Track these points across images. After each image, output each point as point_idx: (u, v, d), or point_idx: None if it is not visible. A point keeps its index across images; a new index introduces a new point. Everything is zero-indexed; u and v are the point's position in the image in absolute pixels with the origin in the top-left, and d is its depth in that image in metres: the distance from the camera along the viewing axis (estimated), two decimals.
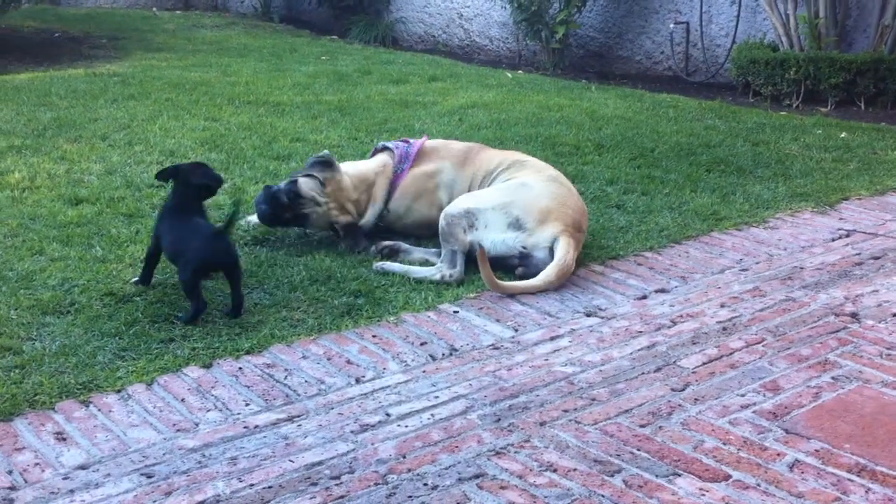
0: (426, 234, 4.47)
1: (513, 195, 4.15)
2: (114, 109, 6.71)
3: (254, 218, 4.52)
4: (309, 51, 9.75)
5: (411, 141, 4.65)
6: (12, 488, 2.61)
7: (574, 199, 4.25)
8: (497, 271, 3.99)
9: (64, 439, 2.84)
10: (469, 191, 4.42)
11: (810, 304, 3.88)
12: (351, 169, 4.53)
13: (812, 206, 5.14)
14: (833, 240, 4.65)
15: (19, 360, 3.24)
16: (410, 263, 4.17)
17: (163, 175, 3.87)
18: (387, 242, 4.32)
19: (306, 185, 4.36)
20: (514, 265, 4.08)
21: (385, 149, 4.65)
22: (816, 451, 2.82)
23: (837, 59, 7.52)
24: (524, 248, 4.07)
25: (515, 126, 6.55)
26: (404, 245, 4.32)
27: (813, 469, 2.73)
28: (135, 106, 6.82)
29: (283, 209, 4.31)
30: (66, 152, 5.62)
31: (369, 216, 4.49)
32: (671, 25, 8.91)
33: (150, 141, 5.88)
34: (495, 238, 4.08)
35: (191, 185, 3.75)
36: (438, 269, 4.06)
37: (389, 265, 4.12)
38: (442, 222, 4.13)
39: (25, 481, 2.64)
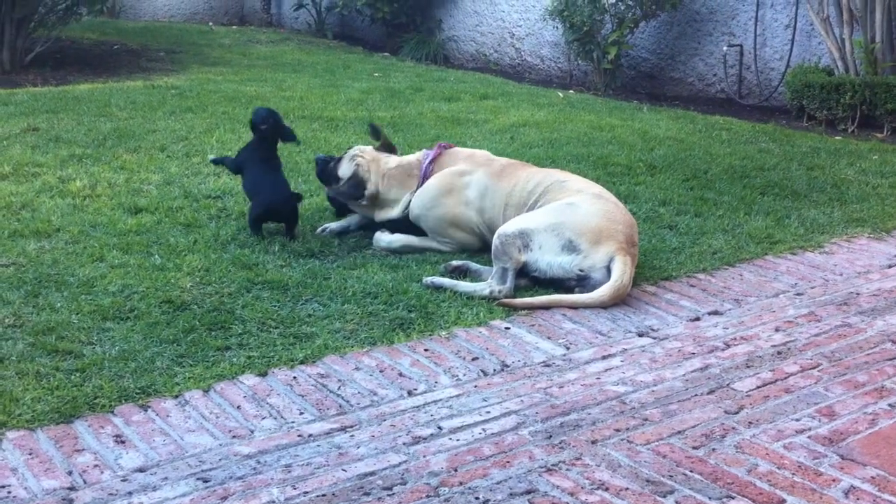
0: (448, 236, 4.56)
1: (562, 216, 4.16)
2: (172, 121, 6.83)
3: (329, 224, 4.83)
4: (362, 67, 9.85)
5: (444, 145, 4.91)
6: (72, 489, 2.67)
7: (621, 213, 4.25)
8: (551, 290, 4.03)
9: (122, 442, 2.89)
10: (506, 205, 4.45)
11: (867, 330, 3.84)
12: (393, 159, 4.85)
13: (868, 231, 5.09)
14: (890, 266, 4.60)
15: (80, 364, 3.31)
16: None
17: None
18: (455, 262, 4.34)
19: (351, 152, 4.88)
20: (571, 287, 4.08)
21: None
22: (872, 477, 2.79)
23: (894, 85, 7.43)
24: (581, 270, 4.07)
25: (567, 145, 6.56)
26: (473, 265, 4.34)
27: (869, 496, 2.70)
28: (192, 118, 6.94)
29: (328, 162, 4.85)
30: (126, 162, 5.73)
31: (401, 206, 4.72)
32: (725, 48, 8.87)
33: (207, 153, 5.97)
34: (551, 260, 4.10)
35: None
36: (488, 285, 4.08)
37: (439, 279, 4.15)
38: (496, 241, 4.15)
39: (85, 482, 2.70)
